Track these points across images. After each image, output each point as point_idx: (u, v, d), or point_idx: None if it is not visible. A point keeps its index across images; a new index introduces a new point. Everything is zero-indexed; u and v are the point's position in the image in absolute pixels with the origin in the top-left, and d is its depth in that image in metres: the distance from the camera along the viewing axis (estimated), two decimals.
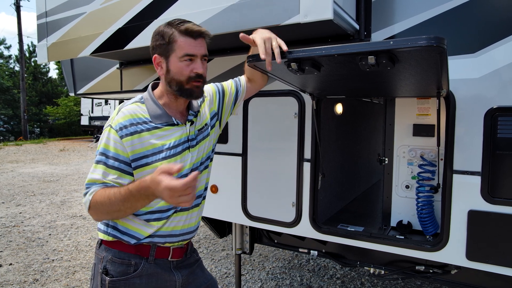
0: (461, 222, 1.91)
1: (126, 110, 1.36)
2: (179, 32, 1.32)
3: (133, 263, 1.36)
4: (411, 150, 2.39)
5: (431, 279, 2.41)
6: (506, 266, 1.83)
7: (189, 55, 1.34)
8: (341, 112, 2.76)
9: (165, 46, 1.34)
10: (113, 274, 1.35)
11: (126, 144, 1.30)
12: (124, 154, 1.30)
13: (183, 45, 1.32)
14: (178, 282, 1.44)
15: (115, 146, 1.30)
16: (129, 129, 1.31)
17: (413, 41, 1.18)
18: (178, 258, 1.46)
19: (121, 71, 3.20)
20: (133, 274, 1.36)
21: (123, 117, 1.33)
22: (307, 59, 1.41)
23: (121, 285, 1.35)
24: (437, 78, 1.58)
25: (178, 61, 1.34)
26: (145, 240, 1.37)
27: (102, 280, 1.35)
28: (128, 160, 1.30)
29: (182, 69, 1.34)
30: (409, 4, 2.01)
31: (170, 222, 1.41)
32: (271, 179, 2.50)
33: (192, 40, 1.34)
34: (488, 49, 1.83)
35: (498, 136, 1.82)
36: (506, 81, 1.80)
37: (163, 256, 1.41)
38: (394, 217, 2.49)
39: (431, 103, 2.28)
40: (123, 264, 1.36)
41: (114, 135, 1.30)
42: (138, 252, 1.37)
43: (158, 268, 1.40)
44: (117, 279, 1.35)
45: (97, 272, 1.39)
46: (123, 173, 1.31)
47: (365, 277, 3.70)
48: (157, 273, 1.40)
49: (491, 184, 1.83)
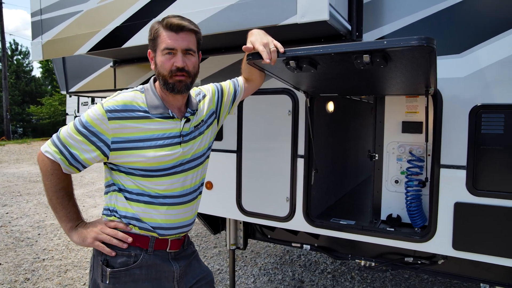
0: (448, 214, 2.01)
1: (123, 95, 1.40)
2: (163, 27, 1.37)
3: (133, 254, 1.41)
4: (400, 146, 2.49)
5: (419, 270, 2.51)
6: (489, 255, 1.94)
7: (168, 48, 1.37)
8: (333, 110, 2.85)
9: (153, 41, 1.39)
10: (114, 265, 1.40)
11: (111, 126, 1.34)
12: (105, 134, 1.34)
13: (164, 39, 1.37)
14: (176, 272, 1.50)
15: (98, 124, 1.33)
16: (121, 113, 1.35)
17: (406, 41, 1.26)
18: (176, 249, 1.51)
19: (114, 69, 3.22)
20: (133, 265, 1.40)
21: (118, 101, 1.37)
22: (305, 57, 1.48)
23: (122, 276, 1.40)
24: (426, 77, 1.67)
25: (161, 55, 1.38)
26: (145, 232, 1.43)
27: (103, 271, 1.40)
28: (108, 140, 1.34)
29: (164, 63, 1.38)
30: (398, 6, 2.10)
31: (169, 216, 1.46)
32: (265, 175, 2.56)
33: (173, 34, 1.37)
34: (473, 50, 1.93)
35: (482, 132, 1.93)
36: (489, 80, 1.90)
37: (161, 248, 1.46)
38: (384, 211, 2.58)
39: (419, 101, 2.38)
40: (123, 256, 1.40)
41: (102, 114, 1.33)
42: (138, 243, 1.42)
43: (157, 259, 1.45)
44: (117, 270, 1.39)
45: (97, 263, 1.43)
46: (96, 148, 1.35)
47: (355, 271, 3.81)
48: (156, 264, 1.44)
49: (475, 177, 1.94)
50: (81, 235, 1.41)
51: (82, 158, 1.35)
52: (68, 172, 1.38)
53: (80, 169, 1.38)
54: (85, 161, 1.36)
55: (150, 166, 1.39)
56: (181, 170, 1.46)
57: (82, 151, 1.34)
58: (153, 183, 1.41)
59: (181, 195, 1.48)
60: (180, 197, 1.47)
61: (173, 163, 1.43)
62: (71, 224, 1.42)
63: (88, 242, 1.39)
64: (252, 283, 3.59)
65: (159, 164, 1.40)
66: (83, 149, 1.34)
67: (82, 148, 1.34)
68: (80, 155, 1.35)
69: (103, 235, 1.38)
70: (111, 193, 1.45)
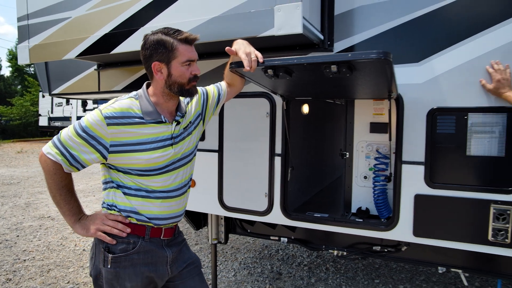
0: (409, 205, 2.26)
1: (120, 103, 1.54)
2: (179, 40, 1.53)
3: (132, 241, 1.57)
4: (368, 145, 2.73)
5: (386, 257, 2.76)
6: (445, 240, 2.19)
7: (190, 60, 1.56)
8: (307, 112, 3.06)
9: (166, 53, 1.52)
10: (115, 251, 1.56)
11: (110, 131, 1.48)
12: (104, 138, 1.48)
13: (184, 52, 1.53)
14: (169, 257, 1.66)
15: (98, 129, 1.47)
16: (119, 119, 1.50)
17: (367, 54, 1.48)
18: (168, 237, 1.68)
19: (98, 73, 3.32)
20: (132, 251, 1.57)
21: (116, 109, 1.51)
22: (281, 67, 1.68)
23: (122, 261, 1.56)
24: (387, 84, 1.90)
25: (180, 66, 1.54)
26: (142, 223, 1.59)
27: (105, 257, 1.55)
28: (107, 144, 1.49)
29: (184, 73, 1.55)
30: (367, 19, 2.33)
31: (163, 207, 1.62)
32: (245, 172, 2.74)
33: (190, 46, 1.56)
34: (429, 60, 2.18)
35: (437, 132, 2.18)
36: (443, 86, 2.16)
37: (156, 236, 1.62)
38: (355, 204, 2.82)
39: (384, 104, 2.63)
40: (123, 243, 1.56)
41: (101, 120, 1.47)
42: (136, 232, 1.58)
43: (153, 245, 1.61)
44: (118, 255, 1.55)
45: (99, 251, 1.58)
46: (95, 150, 1.49)
47: (330, 263, 4.05)
48: (152, 250, 1.61)
49: (432, 172, 2.19)
50: (84, 227, 1.56)
51: (82, 159, 1.49)
52: (69, 171, 1.52)
53: (79, 168, 1.52)
54: (85, 161, 1.50)
55: (146, 167, 1.55)
56: (173, 168, 1.63)
57: (82, 153, 1.48)
58: (148, 180, 1.57)
59: (173, 189, 1.65)
60: (172, 192, 1.64)
61: (166, 163, 1.59)
62: (74, 217, 1.56)
63: (91, 233, 1.55)
64: (232, 276, 3.77)
65: (153, 165, 1.56)
66: (83, 151, 1.48)
67: (82, 150, 1.48)
68: (80, 156, 1.49)
69: (105, 226, 1.54)
70: (109, 190, 1.60)
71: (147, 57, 1.56)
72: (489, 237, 2.07)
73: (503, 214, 2.02)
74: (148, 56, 1.55)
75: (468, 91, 2.10)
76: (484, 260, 2.46)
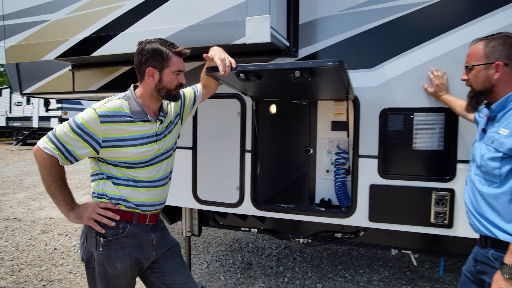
0: (365, 194, 2.55)
1: (112, 103, 1.72)
2: (174, 53, 1.74)
3: (121, 226, 1.75)
4: (330, 142, 3.02)
5: (346, 243, 3.06)
6: (395, 223, 2.50)
7: (180, 70, 1.77)
8: (275, 112, 3.31)
9: (161, 62, 1.72)
10: (106, 235, 1.73)
11: (102, 127, 1.65)
12: (97, 134, 1.65)
13: (176, 63, 1.75)
14: (154, 241, 1.85)
15: (92, 126, 1.64)
16: (111, 117, 1.67)
17: (325, 62, 1.74)
18: (153, 222, 1.87)
19: (73, 73, 3.40)
20: (122, 235, 1.74)
21: (108, 108, 1.69)
22: (252, 71, 1.90)
23: (113, 244, 1.73)
24: (344, 87, 2.17)
25: (170, 74, 1.74)
26: (130, 209, 1.76)
27: (97, 241, 1.72)
28: (100, 139, 1.66)
29: (172, 80, 1.76)
30: (327, 28, 2.60)
31: (149, 195, 1.81)
32: (218, 167, 2.94)
33: (181, 59, 1.78)
34: (381, 66, 2.48)
35: (389, 129, 2.48)
36: (393, 89, 2.46)
37: (142, 221, 1.81)
38: (318, 195, 3.10)
39: (344, 105, 2.92)
40: (113, 228, 1.74)
41: (96, 118, 1.64)
42: (125, 218, 1.76)
43: (140, 230, 1.80)
44: (109, 239, 1.72)
45: (91, 236, 1.74)
46: (89, 145, 1.65)
47: (297, 253, 4.32)
48: (139, 234, 1.79)
49: (384, 164, 2.49)
50: (77, 215, 1.72)
51: (77, 153, 1.65)
52: (63, 164, 1.67)
53: (73, 162, 1.67)
54: (79, 155, 1.66)
55: (134, 160, 1.74)
56: (156, 161, 1.82)
57: (77, 148, 1.64)
58: (136, 172, 1.76)
59: (157, 180, 1.84)
60: (156, 182, 1.84)
61: (151, 157, 1.79)
62: (68, 207, 1.72)
63: (84, 220, 1.72)
64: (205, 268, 3.95)
65: (140, 158, 1.75)
66: (78, 146, 1.64)
67: (77, 145, 1.64)
68: (75, 150, 1.64)
69: (96, 214, 1.70)
70: (98, 181, 1.77)
71: (143, 62, 1.74)
72: (431, 219, 2.39)
73: (442, 199, 2.36)
74: (144, 61, 1.73)
75: (413, 94, 2.42)
76: (429, 241, 2.81)
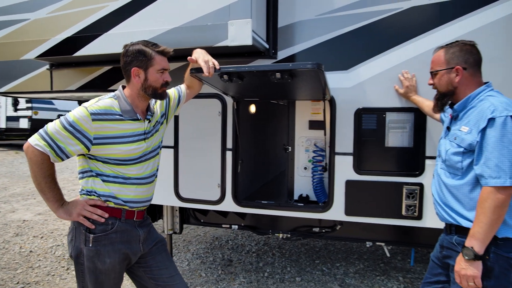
0: (341, 189, 2.68)
1: (104, 102, 1.77)
2: (156, 52, 1.79)
3: (110, 222, 1.79)
4: (307, 140, 3.14)
5: (324, 237, 3.20)
6: (369, 216, 2.65)
7: (164, 69, 1.83)
8: (255, 111, 3.40)
9: (145, 61, 1.77)
10: (95, 231, 1.77)
11: (94, 125, 1.70)
12: (89, 132, 1.70)
13: (159, 62, 1.80)
14: (142, 236, 1.91)
15: (84, 123, 1.68)
16: (102, 115, 1.72)
17: (304, 65, 1.85)
18: (140, 219, 1.92)
19: (51, 72, 3.37)
20: (111, 231, 1.79)
21: (100, 107, 1.73)
22: (235, 73, 1.99)
23: (102, 239, 1.77)
24: (321, 88, 2.30)
25: (155, 73, 1.80)
26: (118, 206, 1.81)
27: (87, 237, 1.75)
28: (91, 137, 1.70)
29: (158, 78, 1.81)
30: (305, 32, 2.71)
31: (137, 192, 1.86)
32: (199, 165, 3.00)
33: (164, 58, 1.84)
34: (356, 68, 2.62)
35: (363, 128, 2.63)
36: (367, 90, 2.61)
37: (130, 217, 1.86)
38: (296, 192, 3.22)
39: (321, 105, 3.05)
40: (102, 224, 1.78)
41: (87, 116, 1.69)
42: (113, 214, 1.80)
43: (128, 226, 1.85)
44: (98, 235, 1.76)
45: (79, 232, 1.77)
46: (80, 142, 1.69)
47: (276, 249, 4.44)
48: (127, 230, 1.84)
49: (359, 161, 2.63)
50: (67, 212, 1.75)
51: (68, 150, 1.69)
52: (54, 161, 1.70)
53: (64, 158, 1.71)
54: (70, 152, 1.70)
55: (124, 157, 1.78)
56: (145, 159, 1.88)
57: (68, 145, 1.68)
58: (125, 169, 1.81)
59: (145, 177, 1.89)
60: (144, 179, 1.89)
61: (140, 154, 1.84)
62: (58, 203, 1.75)
63: (73, 217, 1.75)
64: (186, 265, 4.00)
65: (130, 155, 1.80)
66: (69, 143, 1.68)
67: (68, 142, 1.67)
68: (66, 147, 1.68)
69: (86, 211, 1.74)
70: (87, 178, 1.80)
71: (128, 63, 1.80)
72: (402, 212, 2.56)
73: (412, 193, 2.53)
74: (129, 62, 1.79)
75: (386, 95, 2.58)
76: (401, 233, 2.99)
